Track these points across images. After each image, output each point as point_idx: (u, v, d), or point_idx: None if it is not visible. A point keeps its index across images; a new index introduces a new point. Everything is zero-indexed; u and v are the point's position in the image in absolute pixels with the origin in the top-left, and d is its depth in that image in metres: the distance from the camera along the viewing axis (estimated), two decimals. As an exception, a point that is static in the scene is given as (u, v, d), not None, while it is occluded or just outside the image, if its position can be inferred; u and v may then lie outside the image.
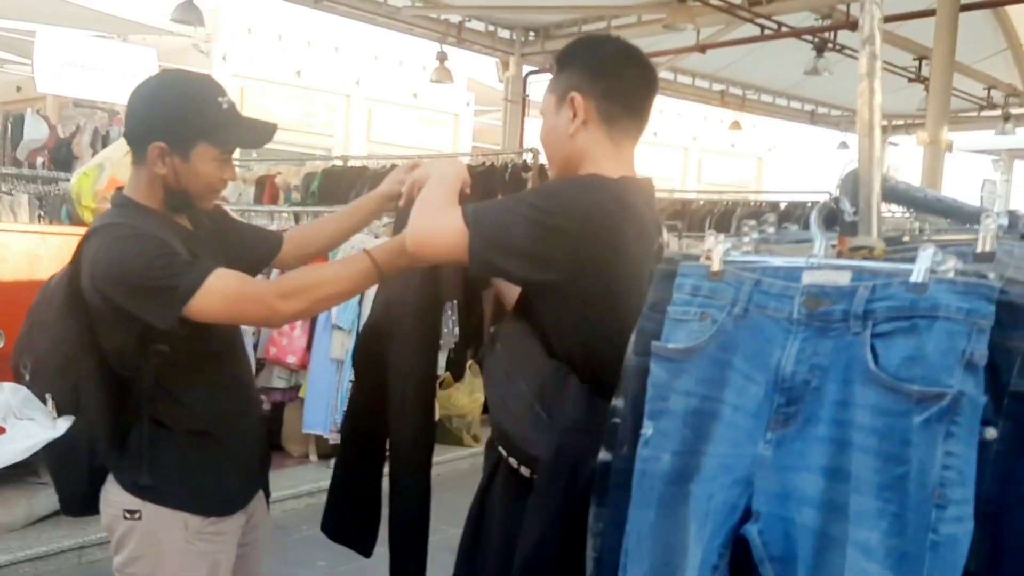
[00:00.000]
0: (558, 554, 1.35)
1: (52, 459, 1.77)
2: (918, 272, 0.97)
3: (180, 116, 1.67)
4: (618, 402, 1.31)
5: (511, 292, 1.75)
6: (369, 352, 1.85)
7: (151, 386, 1.69)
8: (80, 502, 1.81)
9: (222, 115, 1.69)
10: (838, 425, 1.01)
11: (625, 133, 1.59)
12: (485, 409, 5.77)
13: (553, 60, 1.64)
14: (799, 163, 19.12)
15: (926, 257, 0.98)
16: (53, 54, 9.52)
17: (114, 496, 1.73)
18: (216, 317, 1.61)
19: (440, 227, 1.42)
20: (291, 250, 2.03)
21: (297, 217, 5.58)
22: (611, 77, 1.57)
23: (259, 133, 1.78)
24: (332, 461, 4.85)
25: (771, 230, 1.28)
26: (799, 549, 1.01)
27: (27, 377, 1.74)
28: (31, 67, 10.12)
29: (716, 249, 1.20)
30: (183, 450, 1.72)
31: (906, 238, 1.19)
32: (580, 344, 1.43)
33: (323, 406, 4.85)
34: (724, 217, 8.58)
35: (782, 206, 9.23)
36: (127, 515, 1.71)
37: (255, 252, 1.99)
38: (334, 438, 4.83)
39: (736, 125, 13.02)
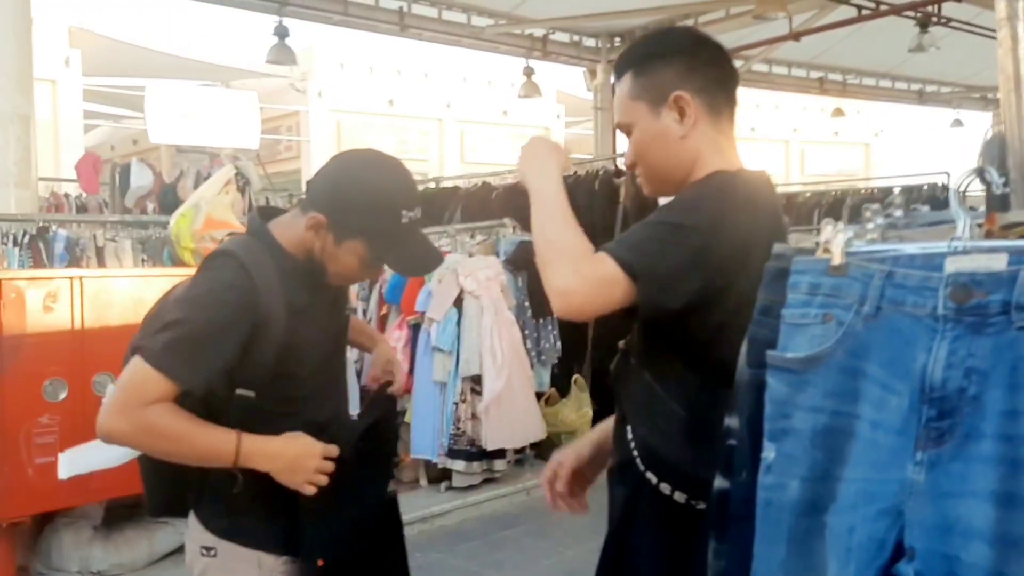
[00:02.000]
0: None
1: (144, 468, 1.76)
2: (1097, 250, 0.80)
3: (358, 205, 1.61)
4: (732, 421, 1.16)
5: None
6: None
7: (235, 427, 1.63)
8: (166, 508, 1.85)
9: (397, 227, 1.63)
10: (1007, 441, 0.84)
11: (728, 121, 1.50)
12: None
13: (616, 68, 1.52)
14: (910, 146, 18.24)
15: (1106, 231, 0.80)
16: (163, 106, 10.02)
17: (194, 532, 1.72)
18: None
19: (595, 282, 1.27)
20: None
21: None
22: (705, 67, 1.47)
23: (421, 260, 1.72)
24: (443, 485, 4.89)
25: (898, 213, 1.10)
26: (968, 593, 0.84)
27: None
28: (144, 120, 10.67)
29: (836, 240, 1.04)
30: (261, 491, 1.65)
31: (1068, 209, 1.00)
32: (726, 356, 1.24)
33: (429, 430, 4.81)
34: (833, 208, 8.17)
35: (896, 191, 8.76)
36: (204, 552, 1.69)
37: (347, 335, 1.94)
38: (443, 462, 4.80)
39: (839, 112, 12.55)
